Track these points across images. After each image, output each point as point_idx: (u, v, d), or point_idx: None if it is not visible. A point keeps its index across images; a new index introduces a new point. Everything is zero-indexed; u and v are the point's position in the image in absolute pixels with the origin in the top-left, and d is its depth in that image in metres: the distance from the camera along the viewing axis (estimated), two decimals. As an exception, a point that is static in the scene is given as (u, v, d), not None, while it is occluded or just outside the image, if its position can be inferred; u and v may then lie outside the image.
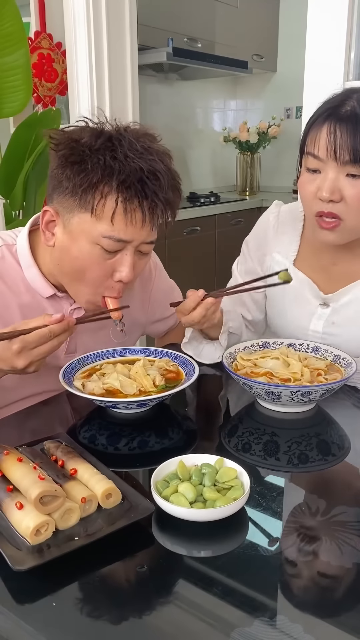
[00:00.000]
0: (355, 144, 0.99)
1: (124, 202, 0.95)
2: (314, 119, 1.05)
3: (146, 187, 0.96)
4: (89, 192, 0.96)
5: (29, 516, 0.67)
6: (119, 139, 0.97)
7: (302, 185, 1.09)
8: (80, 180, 0.95)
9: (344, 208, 1.04)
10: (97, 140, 0.96)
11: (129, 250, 1.01)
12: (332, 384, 0.94)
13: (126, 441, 0.92)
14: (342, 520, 0.73)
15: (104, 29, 2.30)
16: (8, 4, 2.09)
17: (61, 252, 1.03)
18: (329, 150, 1.01)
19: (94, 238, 0.98)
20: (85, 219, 0.98)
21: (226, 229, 3.67)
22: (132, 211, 0.96)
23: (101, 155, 0.95)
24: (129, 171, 0.94)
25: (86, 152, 0.95)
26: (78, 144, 0.96)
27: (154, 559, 0.67)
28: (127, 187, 0.94)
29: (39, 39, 2.49)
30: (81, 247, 1.00)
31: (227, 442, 0.93)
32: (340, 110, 1.01)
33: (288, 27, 4.15)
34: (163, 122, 3.88)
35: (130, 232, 0.98)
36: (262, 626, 0.57)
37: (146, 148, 0.98)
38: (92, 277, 1.02)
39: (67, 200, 0.99)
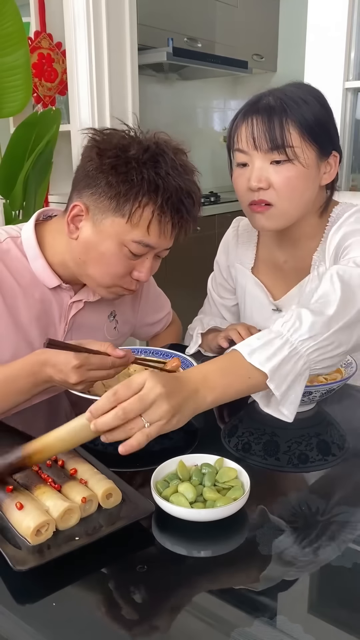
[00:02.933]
0: (271, 132, 1.04)
1: (160, 215, 1.02)
2: (236, 117, 1.11)
3: (182, 206, 1.03)
4: (128, 201, 1.01)
5: (29, 516, 0.67)
6: (162, 155, 1.03)
7: (235, 181, 1.14)
8: (125, 190, 1.00)
9: (273, 194, 1.08)
10: (143, 155, 1.02)
11: (151, 255, 1.08)
12: (332, 384, 0.94)
13: (126, 441, 0.92)
14: (342, 520, 0.73)
15: (104, 29, 2.30)
16: (8, 4, 2.09)
17: (86, 246, 1.07)
18: (249, 141, 1.07)
19: (124, 241, 1.04)
20: (119, 223, 1.03)
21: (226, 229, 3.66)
22: (165, 223, 1.03)
23: (146, 169, 1.01)
24: (171, 190, 1.01)
25: (132, 165, 1.01)
26: (124, 154, 1.01)
27: (154, 559, 0.67)
28: (167, 205, 1.02)
29: (39, 39, 2.49)
30: (110, 246, 1.04)
31: (227, 442, 0.93)
32: (257, 105, 1.07)
33: (288, 27, 4.15)
34: (163, 122, 3.88)
35: (158, 240, 1.05)
36: (262, 626, 0.57)
37: (183, 166, 1.05)
38: (113, 273, 1.07)
39: (103, 202, 1.03)
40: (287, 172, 1.05)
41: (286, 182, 1.06)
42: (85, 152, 1.06)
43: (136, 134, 1.07)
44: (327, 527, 0.71)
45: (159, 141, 1.06)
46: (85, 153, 1.06)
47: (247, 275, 1.29)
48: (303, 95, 1.06)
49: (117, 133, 1.06)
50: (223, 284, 1.37)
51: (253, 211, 1.11)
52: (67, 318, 1.18)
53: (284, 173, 1.06)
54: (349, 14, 1.92)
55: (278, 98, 1.06)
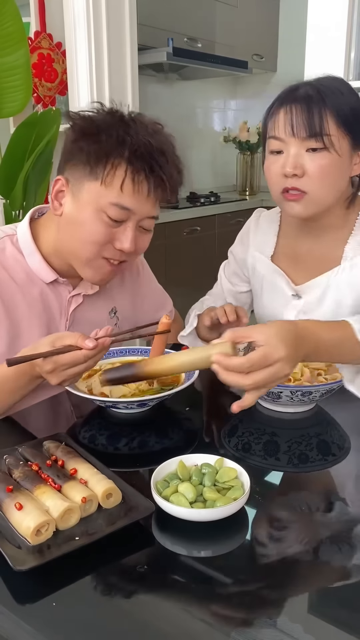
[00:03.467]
0: (310, 119, 1.06)
1: (133, 173, 1.02)
2: (272, 105, 1.13)
3: (154, 162, 1.03)
4: (100, 161, 1.02)
5: (29, 516, 0.67)
6: (132, 120, 1.06)
7: (267, 168, 1.15)
8: (94, 150, 1.02)
9: (307, 181, 1.09)
10: (112, 118, 1.05)
11: (132, 223, 1.06)
12: (332, 384, 0.94)
13: (126, 441, 0.92)
14: (342, 520, 0.73)
15: (104, 29, 2.30)
16: (8, 4, 2.09)
17: (68, 221, 1.08)
18: (286, 128, 1.08)
19: (102, 206, 1.03)
20: (94, 188, 1.03)
21: (226, 229, 3.67)
22: (139, 182, 1.03)
23: (115, 130, 1.03)
24: (139, 144, 1.02)
25: (101, 127, 1.03)
26: (94, 119, 1.06)
27: (154, 559, 0.67)
28: (137, 159, 1.02)
29: (39, 39, 2.49)
30: (88, 214, 1.05)
31: (227, 442, 0.93)
32: (295, 94, 1.09)
33: (288, 27, 4.15)
34: (163, 121, 3.87)
35: (135, 201, 1.04)
36: (262, 626, 0.57)
37: (156, 130, 1.07)
38: (94, 240, 1.06)
39: (79, 170, 1.05)
40: (321, 160, 1.08)
41: (320, 170, 1.08)
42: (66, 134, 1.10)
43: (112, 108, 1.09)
44: (327, 527, 0.71)
45: (133, 113, 1.09)
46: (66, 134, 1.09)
47: (266, 263, 1.29)
48: (339, 86, 1.10)
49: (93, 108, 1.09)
50: (237, 272, 1.38)
51: (287, 199, 1.13)
52: (67, 313, 1.18)
53: (318, 161, 1.08)
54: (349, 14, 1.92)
55: (315, 88, 1.08)
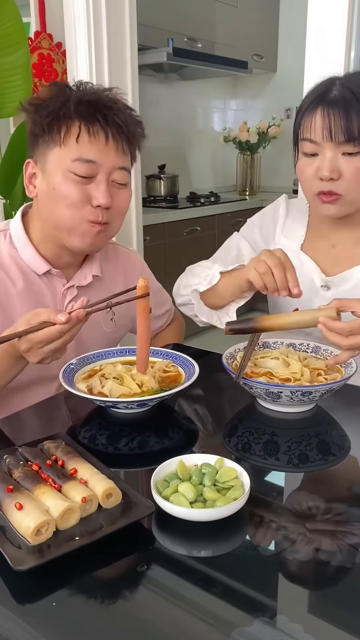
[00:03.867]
0: (348, 124, 1.06)
1: (86, 124, 1.05)
2: (306, 107, 1.12)
3: (103, 108, 1.06)
4: (53, 124, 1.05)
5: (29, 516, 0.67)
6: (77, 86, 1.10)
7: (301, 169, 1.16)
8: (44, 116, 1.05)
9: (343, 184, 1.11)
10: (55, 87, 1.10)
11: (102, 177, 1.07)
12: (332, 384, 0.94)
13: (126, 441, 0.92)
14: (342, 520, 0.73)
15: (104, 29, 2.30)
16: (8, 4, 2.09)
17: (43, 197, 1.10)
18: (324, 132, 1.08)
19: (67, 166, 1.05)
20: (56, 153, 1.06)
21: (226, 229, 3.66)
22: (95, 132, 1.05)
23: (60, 93, 1.08)
24: (84, 96, 1.07)
25: (46, 97, 1.08)
26: (41, 96, 1.10)
27: (154, 559, 0.67)
28: (85, 109, 1.05)
29: (39, 39, 2.49)
30: (58, 180, 1.06)
31: (227, 442, 0.93)
32: (329, 96, 1.09)
33: (288, 27, 4.16)
34: (163, 122, 3.88)
35: (95, 151, 1.06)
36: (262, 626, 0.57)
37: (103, 89, 1.11)
38: (71, 203, 1.07)
39: (40, 146, 1.08)
40: (358, 163, 1.08)
41: (357, 173, 1.09)
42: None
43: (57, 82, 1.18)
44: (327, 527, 0.71)
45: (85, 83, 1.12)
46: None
47: (296, 251, 1.29)
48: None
49: None
50: (259, 243, 1.35)
51: (322, 201, 1.14)
52: (62, 306, 1.18)
53: (355, 164, 1.09)
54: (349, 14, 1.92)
55: (349, 88, 1.08)
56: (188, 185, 4.10)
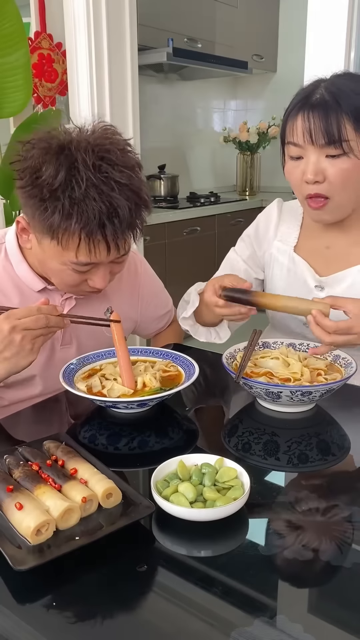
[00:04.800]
0: (328, 126, 1.07)
1: (87, 238, 0.97)
2: (289, 110, 1.13)
3: (107, 228, 0.96)
4: (52, 228, 0.97)
5: (29, 516, 0.67)
6: (77, 174, 0.94)
7: (288, 173, 1.17)
8: (43, 219, 0.97)
9: (329, 187, 1.11)
10: (54, 179, 0.94)
11: (102, 265, 1.04)
12: (332, 384, 0.94)
13: (126, 441, 0.92)
14: (342, 520, 0.73)
15: (104, 29, 2.30)
16: (8, 4, 2.09)
17: (37, 257, 1.09)
18: (305, 136, 1.09)
19: (64, 262, 1.02)
20: (53, 246, 1.00)
21: (226, 229, 3.67)
22: (95, 244, 0.98)
23: (60, 197, 0.94)
24: (87, 216, 0.94)
25: (45, 193, 0.95)
26: (38, 180, 0.96)
27: (154, 559, 0.67)
28: (88, 228, 0.95)
29: (39, 39, 2.48)
30: (54, 265, 1.04)
31: (227, 442, 0.93)
32: (311, 99, 1.09)
33: (288, 27, 4.15)
34: (163, 122, 3.88)
35: (96, 258, 1.01)
36: (262, 626, 0.57)
37: (104, 181, 0.95)
38: (68, 284, 1.07)
39: (36, 225, 1.00)
40: (342, 165, 1.09)
41: (341, 175, 1.09)
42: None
43: (64, 140, 0.97)
44: (327, 527, 0.71)
45: (80, 150, 0.95)
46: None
47: (289, 253, 1.29)
48: (354, 87, 1.09)
49: (38, 146, 0.99)
50: (254, 258, 1.36)
51: (312, 209, 1.15)
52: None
53: (339, 166, 1.09)
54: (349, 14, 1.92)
55: (330, 92, 1.08)
56: (188, 185, 4.10)
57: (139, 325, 1.39)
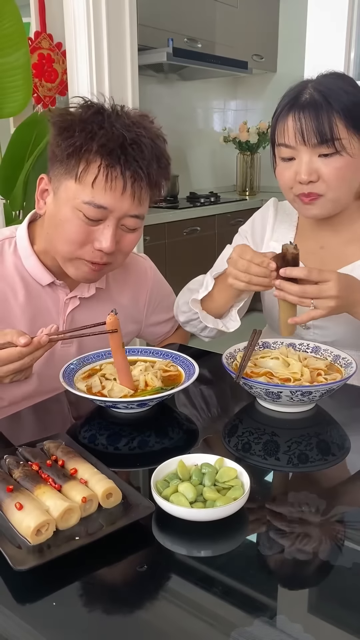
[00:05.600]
0: (320, 126, 1.06)
1: (106, 169, 0.99)
2: (279, 112, 1.13)
3: (128, 155, 0.99)
4: (73, 157, 1.00)
5: (29, 516, 0.67)
6: (110, 113, 1.02)
7: (280, 174, 1.16)
8: (67, 145, 1.00)
9: (323, 186, 1.11)
10: (87, 112, 1.01)
11: (111, 222, 1.04)
12: (332, 384, 0.94)
13: (126, 441, 0.92)
14: (342, 520, 0.73)
15: (104, 29, 2.30)
16: (8, 4, 2.09)
17: (50, 219, 1.08)
18: (297, 137, 1.09)
19: (77, 204, 1.02)
20: (70, 186, 1.02)
21: (226, 229, 3.67)
22: (113, 178, 1.00)
23: (89, 123, 1.00)
24: (110, 136, 0.99)
25: (75, 121, 1.01)
26: (71, 115, 1.02)
27: (154, 559, 0.67)
28: (109, 153, 0.99)
29: (39, 39, 2.49)
30: (65, 212, 1.04)
31: (227, 442, 0.93)
32: (300, 99, 1.09)
33: (288, 27, 4.15)
34: (163, 122, 3.85)
35: (109, 198, 1.01)
36: (262, 626, 0.57)
37: (135, 122, 1.02)
38: (72, 239, 1.05)
39: (57, 169, 1.04)
40: (335, 164, 1.09)
41: (335, 173, 1.09)
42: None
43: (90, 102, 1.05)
44: (327, 527, 0.71)
45: (117, 106, 1.05)
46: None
47: None
48: (343, 86, 1.09)
49: (74, 104, 1.06)
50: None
51: (303, 202, 1.14)
52: (64, 315, 1.18)
53: (332, 164, 1.09)
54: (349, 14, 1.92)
55: (319, 91, 1.08)
56: (188, 185, 4.10)
57: (143, 329, 1.38)
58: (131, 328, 1.33)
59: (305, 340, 1.15)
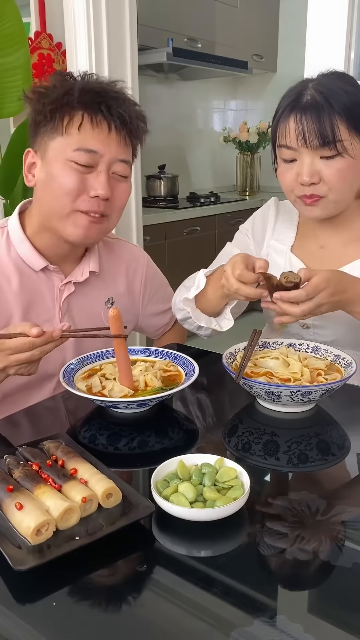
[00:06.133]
0: (322, 128, 1.06)
1: (89, 114, 1.05)
2: (280, 113, 1.12)
3: (108, 99, 1.06)
4: (56, 113, 1.05)
5: (29, 516, 0.67)
6: (82, 76, 1.10)
7: (281, 175, 1.16)
8: (48, 105, 1.05)
9: (324, 187, 1.11)
10: (60, 76, 1.10)
11: (103, 166, 1.07)
12: (332, 384, 0.94)
13: (126, 441, 0.92)
14: (342, 520, 0.73)
15: (104, 29, 2.30)
16: (8, 4, 2.09)
17: (41, 185, 1.10)
18: (299, 139, 1.08)
19: (67, 155, 1.05)
20: (57, 142, 1.06)
21: (226, 229, 3.66)
22: (98, 122, 1.05)
23: (66, 80, 1.09)
24: (88, 86, 1.07)
25: (50, 88, 1.08)
26: (44, 85, 1.10)
27: (154, 558, 0.67)
28: (89, 99, 1.05)
29: (39, 39, 2.49)
30: (57, 168, 1.07)
31: (227, 442, 0.93)
32: (302, 101, 1.08)
33: (288, 27, 4.15)
34: (163, 122, 3.88)
35: (97, 141, 1.05)
36: (262, 626, 0.57)
37: (108, 81, 1.11)
38: (67, 190, 1.06)
39: (41, 134, 1.08)
40: (337, 165, 1.09)
41: (337, 175, 1.09)
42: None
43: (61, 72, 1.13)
44: (327, 527, 0.71)
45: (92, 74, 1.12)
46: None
47: (286, 253, 1.29)
48: (343, 86, 1.09)
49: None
50: (251, 250, 1.34)
51: (305, 203, 1.14)
52: (60, 302, 1.18)
53: (334, 166, 1.09)
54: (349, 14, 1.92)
55: (320, 92, 1.07)
56: (188, 185, 4.10)
57: (141, 320, 1.38)
58: (129, 318, 1.33)
59: (305, 340, 1.15)
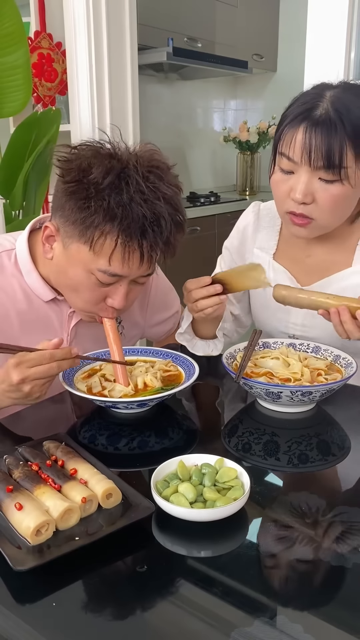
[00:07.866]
0: (330, 150, 1.00)
1: (124, 244, 0.96)
2: (290, 119, 1.05)
3: (147, 234, 0.96)
4: (89, 229, 0.96)
5: (29, 516, 0.67)
6: (127, 178, 0.95)
7: (275, 184, 1.10)
8: (82, 218, 0.96)
9: (315, 209, 1.06)
10: (104, 179, 0.94)
11: (124, 282, 1.03)
12: (332, 384, 0.94)
13: (126, 441, 0.92)
14: (342, 520, 0.73)
15: (104, 29, 2.30)
16: (8, 4, 2.09)
17: (58, 267, 1.06)
18: (303, 155, 1.02)
19: (90, 269, 1.00)
20: (83, 250, 0.99)
21: (226, 229, 3.64)
22: (131, 252, 0.97)
23: (106, 196, 0.94)
24: (131, 219, 0.94)
25: (91, 191, 0.94)
26: (85, 179, 0.95)
27: (154, 559, 0.67)
28: (128, 231, 0.95)
29: (39, 39, 2.48)
30: (78, 273, 1.02)
31: (227, 442, 0.93)
32: (315, 113, 1.01)
33: (288, 27, 4.15)
34: (163, 122, 3.88)
35: (126, 269, 0.99)
36: (262, 626, 0.57)
37: (152, 190, 0.96)
38: (85, 299, 1.05)
39: (69, 227, 0.99)
40: (334, 191, 1.03)
41: (331, 200, 1.04)
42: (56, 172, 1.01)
43: (113, 150, 0.99)
44: (327, 527, 0.71)
45: (131, 160, 0.97)
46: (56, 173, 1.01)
47: (268, 261, 1.26)
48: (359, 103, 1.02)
49: (87, 150, 0.99)
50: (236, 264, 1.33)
51: (293, 223, 1.10)
52: (68, 329, 1.17)
53: (330, 191, 1.03)
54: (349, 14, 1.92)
55: (336, 110, 1.00)
56: (188, 185, 4.10)
57: (146, 331, 1.37)
58: (134, 332, 1.32)
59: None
